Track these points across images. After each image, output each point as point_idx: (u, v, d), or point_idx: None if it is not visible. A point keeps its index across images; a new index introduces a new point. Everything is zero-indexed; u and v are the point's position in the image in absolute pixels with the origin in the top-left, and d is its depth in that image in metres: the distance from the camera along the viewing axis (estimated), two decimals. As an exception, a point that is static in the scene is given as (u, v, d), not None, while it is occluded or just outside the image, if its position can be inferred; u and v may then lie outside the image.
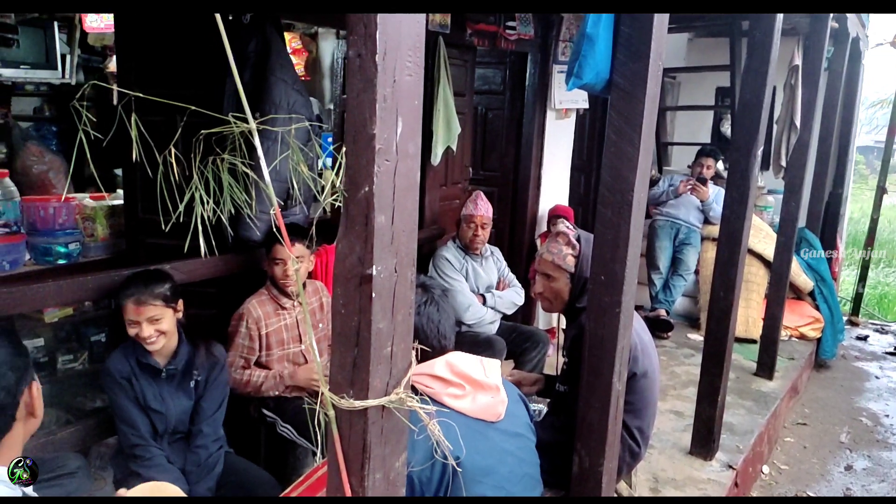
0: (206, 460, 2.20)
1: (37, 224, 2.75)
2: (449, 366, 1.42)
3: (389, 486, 1.11)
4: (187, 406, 2.21)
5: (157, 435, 2.13)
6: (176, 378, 2.17)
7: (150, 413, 2.10)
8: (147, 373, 2.11)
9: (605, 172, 1.85)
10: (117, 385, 2.06)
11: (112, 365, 2.06)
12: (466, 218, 3.56)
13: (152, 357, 2.11)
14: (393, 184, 1.00)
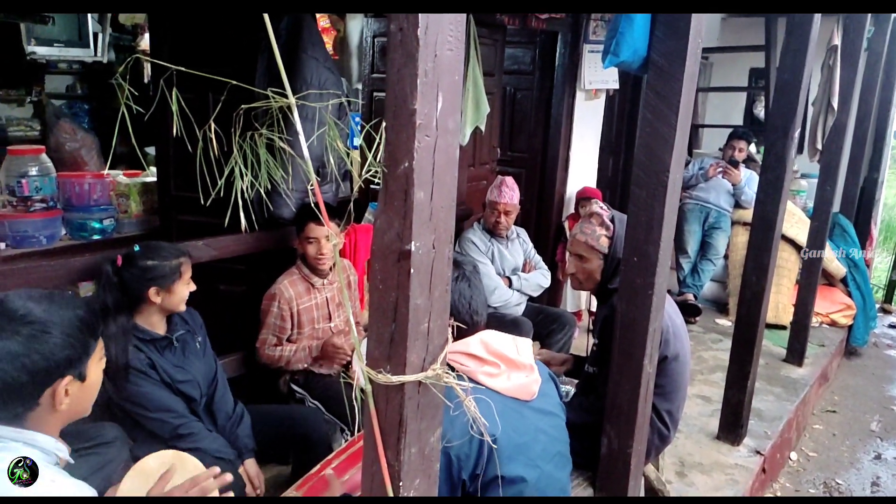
0: (233, 411, 2.25)
1: (72, 200, 2.80)
2: (484, 344, 1.42)
3: (424, 460, 1.12)
4: (204, 367, 2.22)
5: (195, 403, 2.16)
6: (184, 343, 2.17)
7: (181, 385, 2.11)
8: (160, 348, 2.10)
9: (640, 153, 1.83)
10: (142, 377, 2.01)
11: (130, 362, 1.99)
12: (491, 204, 3.54)
13: (153, 331, 2.09)
14: (433, 159, 0.99)
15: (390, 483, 1.08)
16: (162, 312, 2.10)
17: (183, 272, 2.07)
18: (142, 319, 2.08)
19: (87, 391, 1.24)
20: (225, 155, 1.19)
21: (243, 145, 1.16)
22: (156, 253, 2.06)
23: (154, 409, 2.02)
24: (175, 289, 2.06)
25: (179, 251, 2.12)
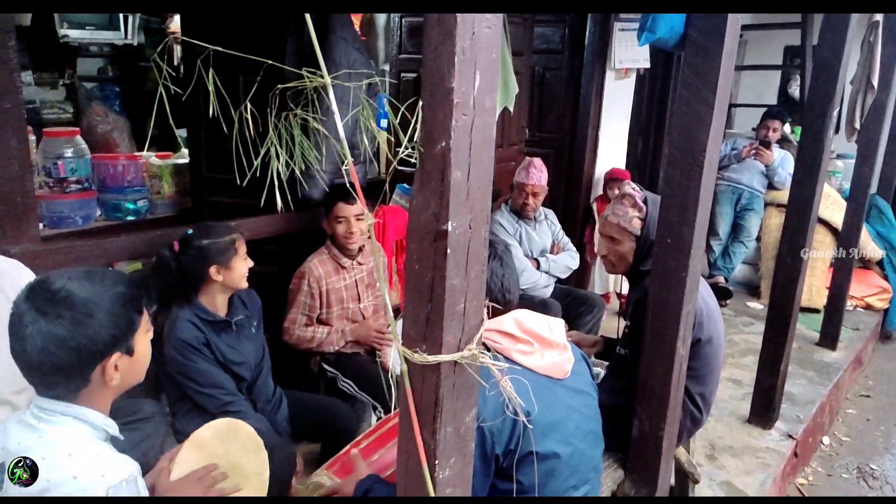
0: (273, 395, 2.31)
1: (107, 181, 2.85)
2: (517, 323, 1.42)
3: (460, 439, 1.12)
4: (255, 350, 2.27)
5: (243, 384, 2.20)
6: (241, 327, 2.23)
7: (234, 366, 2.15)
8: (218, 329, 2.15)
9: (675, 132, 1.79)
10: (196, 352, 2.06)
11: (186, 335, 2.05)
12: (518, 185, 3.51)
13: (215, 312, 2.14)
14: (469, 139, 0.98)
15: (426, 462, 1.09)
16: (225, 291, 2.16)
17: (238, 248, 2.12)
18: (206, 300, 2.13)
19: (137, 363, 1.26)
20: (258, 136, 1.20)
21: (279, 125, 1.17)
22: (209, 232, 2.11)
23: (206, 385, 2.07)
24: (233, 265, 2.11)
25: (231, 228, 2.16)
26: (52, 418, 1.16)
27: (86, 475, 1.10)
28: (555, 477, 1.42)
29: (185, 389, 2.08)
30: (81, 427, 1.17)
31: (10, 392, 1.71)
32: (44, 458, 1.11)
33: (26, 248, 1.96)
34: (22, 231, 1.95)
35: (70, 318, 1.12)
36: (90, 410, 1.19)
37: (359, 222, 2.58)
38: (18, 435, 1.15)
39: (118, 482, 1.10)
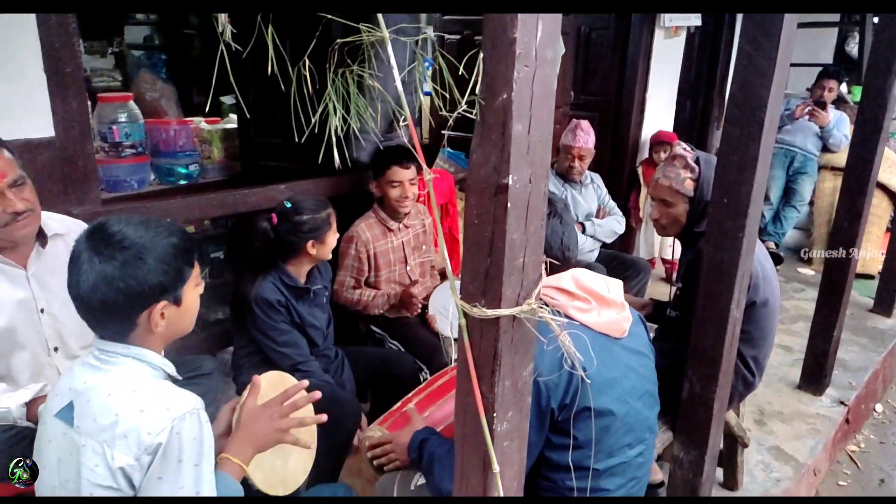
0: (335, 358, 2.39)
1: (160, 146, 2.91)
2: (575, 280, 1.42)
3: (517, 394, 1.13)
4: (326, 318, 2.37)
5: (315, 348, 2.29)
6: (317, 295, 2.31)
7: (310, 329, 2.24)
8: (297, 295, 2.23)
9: (735, 88, 1.74)
10: (276, 312, 2.14)
11: (267, 295, 2.12)
12: (565, 148, 3.45)
13: (298, 280, 2.22)
14: (531, 91, 0.97)
15: (484, 415, 1.10)
16: (312, 262, 2.23)
17: (331, 222, 2.19)
18: (292, 268, 2.21)
19: (184, 314, 1.28)
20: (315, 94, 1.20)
21: (337, 81, 1.17)
22: (306, 207, 2.17)
23: (282, 344, 2.16)
24: (327, 239, 2.18)
25: (325, 203, 2.21)
26: (114, 359, 1.20)
27: (151, 408, 1.14)
28: (609, 434, 1.42)
29: (263, 346, 2.17)
30: (141, 366, 1.21)
31: (79, 347, 1.79)
32: (110, 395, 1.16)
33: (88, 209, 2.03)
34: (84, 193, 2.01)
35: (122, 259, 1.15)
36: (147, 351, 1.22)
37: (412, 186, 2.59)
38: (84, 375, 1.20)
39: (182, 414, 1.14)
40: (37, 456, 1.25)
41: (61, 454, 1.18)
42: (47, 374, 1.73)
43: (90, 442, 1.13)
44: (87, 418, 1.15)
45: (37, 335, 1.70)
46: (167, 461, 1.12)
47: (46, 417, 1.22)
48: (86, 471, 1.13)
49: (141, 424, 1.12)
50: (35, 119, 1.84)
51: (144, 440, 1.12)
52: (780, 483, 2.66)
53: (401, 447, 1.71)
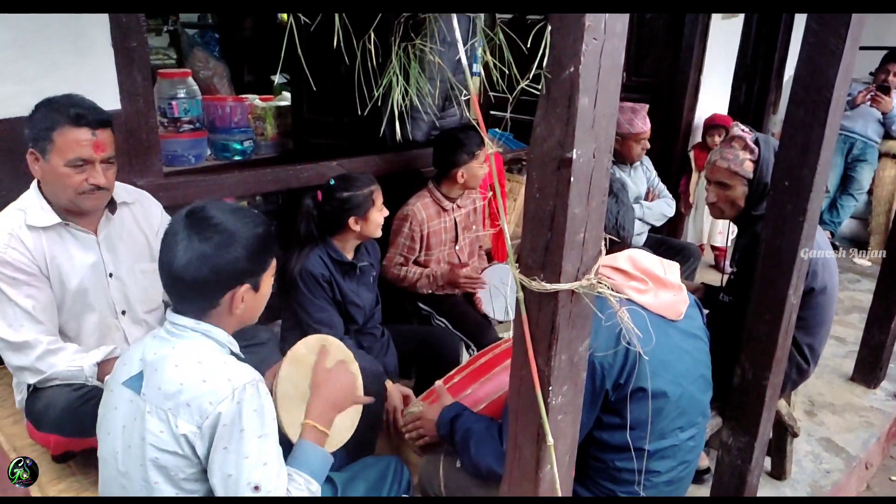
0: (380, 337, 2.40)
1: (216, 122, 2.97)
2: (631, 260, 1.41)
3: (573, 368, 1.14)
4: (372, 297, 2.39)
5: (353, 325, 2.31)
6: (364, 273, 2.33)
7: (351, 307, 2.26)
8: (343, 271, 2.25)
9: (801, 67, 1.69)
10: (319, 287, 2.17)
11: (313, 268, 2.16)
12: (633, 136, 3.32)
13: (345, 254, 2.25)
14: (598, 64, 0.96)
15: (539, 388, 1.11)
16: (358, 239, 2.26)
17: (375, 199, 2.20)
18: (338, 242, 2.25)
19: (259, 301, 1.35)
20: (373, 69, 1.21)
21: (400, 55, 1.18)
22: (350, 184, 2.19)
23: (316, 321, 2.18)
24: (370, 216, 2.20)
25: (370, 180, 2.23)
26: (184, 333, 1.26)
27: (213, 378, 1.19)
28: (662, 416, 1.41)
29: (301, 320, 2.20)
30: (208, 342, 1.27)
31: (143, 311, 1.86)
32: (177, 366, 1.21)
33: (150, 181, 2.09)
34: (147, 165, 2.08)
35: (217, 241, 1.22)
36: (216, 328, 1.28)
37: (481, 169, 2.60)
38: (154, 347, 1.26)
39: (242, 385, 1.19)
40: (101, 421, 1.31)
41: (126, 421, 1.24)
42: (114, 337, 1.81)
43: (155, 409, 1.19)
44: (153, 387, 1.21)
45: (105, 298, 1.77)
46: (230, 431, 1.17)
47: (113, 385, 1.28)
48: (150, 436, 1.19)
49: (203, 394, 1.17)
50: (102, 92, 1.90)
51: (206, 409, 1.17)
52: (829, 475, 2.61)
53: (429, 422, 1.72)
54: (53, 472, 1.76)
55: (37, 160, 1.63)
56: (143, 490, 1.22)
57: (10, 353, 1.63)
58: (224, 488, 1.18)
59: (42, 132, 1.59)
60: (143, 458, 1.20)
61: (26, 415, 1.72)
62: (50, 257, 1.66)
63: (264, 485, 1.19)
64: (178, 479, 1.21)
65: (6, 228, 1.62)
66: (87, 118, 1.61)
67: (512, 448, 1.22)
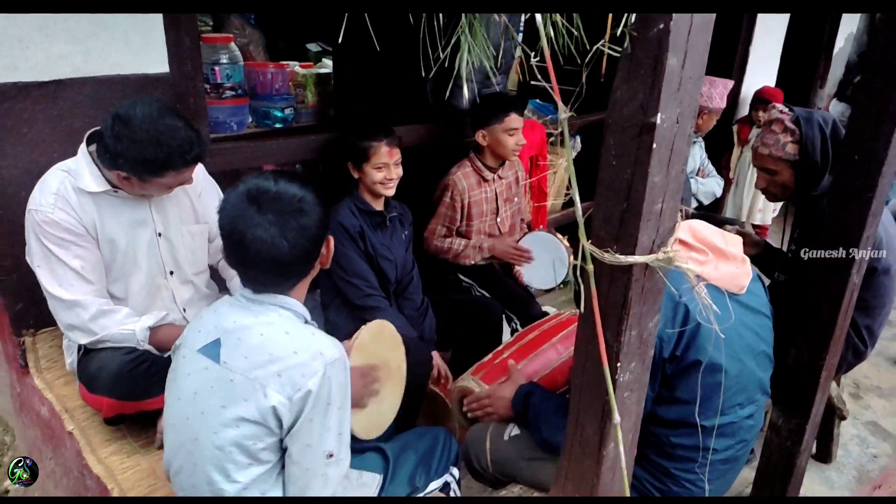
0: (420, 304, 2.39)
1: (257, 89, 2.94)
2: (692, 231, 1.36)
3: (642, 344, 1.10)
4: (405, 255, 2.37)
5: (387, 284, 2.29)
6: (395, 226, 2.32)
7: (382, 262, 2.25)
8: (373, 222, 2.25)
9: (881, 34, 1.60)
10: (350, 239, 2.18)
11: (343, 219, 2.17)
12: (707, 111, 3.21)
13: (374, 206, 2.24)
14: (690, 21, 0.91)
15: (607, 363, 1.07)
16: (370, 192, 2.25)
17: (371, 155, 2.18)
18: (363, 194, 2.26)
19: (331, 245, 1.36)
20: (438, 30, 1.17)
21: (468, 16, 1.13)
22: (357, 132, 2.20)
23: (351, 274, 2.19)
24: (365, 169, 2.20)
25: (379, 137, 2.19)
26: (261, 307, 1.25)
27: (305, 351, 1.19)
28: (719, 392, 1.37)
29: (334, 276, 2.20)
30: (288, 313, 1.26)
31: (192, 273, 1.86)
32: (262, 335, 1.20)
33: (197, 146, 2.07)
34: (193, 130, 2.05)
35: (301, 209, 1.22)
36: (291, 299, 1.27)
37: (506, 135, 2.54)
38: (234, 314, 1.24)
39: (332, 360, 1.19)
40: (170, 386, 1.31)
41: (200, 387, 1.23)
42: (162, 296, 1.81)
43: (239, 377, 1.18)
44: (237, 355, 1.19)
45: (154, 258, 1.77)
46: (318, 404, 1.17)
47: (186, 352, 1.27)
48: (233, 405, 1.18)
49: (295, 366, 1.17)
50: (152, 54, 1.88)
51: (298, 382, 1.16)
52: (877, 459, 2.55)
53: (502, 401, 1.70)
54: (105, 434, 1.77)
55: None
56: (212, 458, 1.21)
57: (63, 311, 1.64)
58: (301, 455, 1.19)
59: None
60: (220, 425, 1.19)
61: (79, 377, 1.73)
62: (98, 218, 1.66)
63: (337, 452, 1.21)
64: (255, 450, 1.20)
65: (52, 189, 1.62)
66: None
67: (573, 424, 1.19)
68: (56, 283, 1.61)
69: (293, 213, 1.20)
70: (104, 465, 1.69)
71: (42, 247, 1.60)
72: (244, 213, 1.19)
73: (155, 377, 1.60)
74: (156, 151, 1.54)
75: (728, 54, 4.24)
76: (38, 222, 1.59)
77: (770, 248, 2.25)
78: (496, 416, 1.75)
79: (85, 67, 1.80)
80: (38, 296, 1.70)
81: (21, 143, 1.80)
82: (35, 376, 1.95)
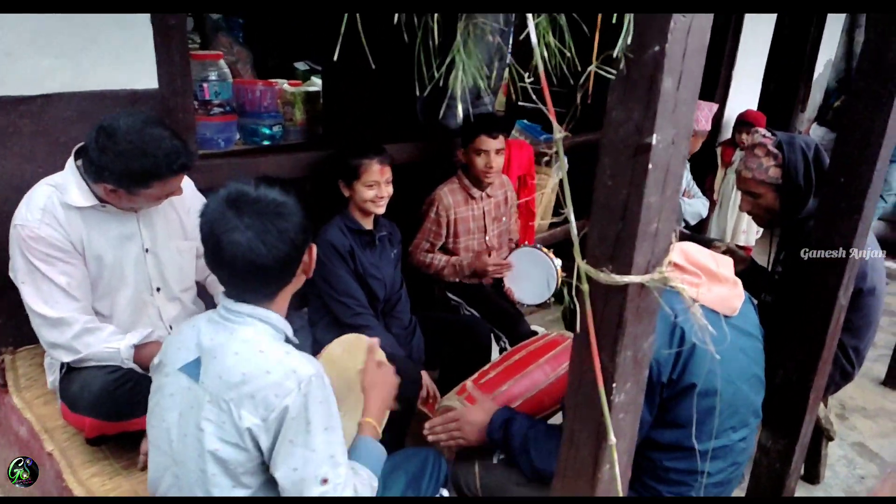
0: (408, 324, 2.37)
1: (245, 106, 2.93)
2: (683, 253, 1.37)
3: (637, 365, 1.10)
4: (393, 273, 2.37)
5: (376, 303, 2.28)
6: (384, 245, 2.32)
7: (371, 281, 2.23)
8: (362, 241, 2.25)
9: (864, 60, 1.63)
10: (339, 258, 2.17)
11: (333, 238, 2.16)
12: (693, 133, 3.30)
13: (364, 225, 2.24)
14: (685, 43, 0.92)
15: (602, 384, 1.07)
16: (360, 210, 2.24)
17: (362, 173, 2.18)
18: (352, 212, 2.26)
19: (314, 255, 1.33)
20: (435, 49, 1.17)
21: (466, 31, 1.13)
22: (348, 150, 2.21)
23: (341, 293, 2.17)
24: (355, 187, 2.20)
25: (370, 156, 2.19)
26: (240, 319, 1.22)
27: (278, 370, 1.15)
28: (713, 415, 1.37)
29: (323, 295, 2.19)
30: (265, 327, 1.23)
31: (179, 289, 1.84)
32: (237, 353, 1.17)
33: (185, 162, 2.05)
34: (182, 146, 2.04)
35: (281, 213, 1.19)
36: (272, 313, 1.24)
37: (498, 156, 2.55)
38: (210, 332, 1.22)
39: (308, 377, 1.15)
40: (154, 406, 1.28)
41: (183, 408, 1.20)
42: (148, 313, 1.78)
43: (216, 399, 1.15)
44: (212, 375, 1.17)
45: (141, 274, 1.74)
46: (296, 424, 1.14)
47: (168, 370, 1.24)
48: (210, 426, 1.15)
49: (268, 386, 1.13)
50: (141, 69, 1.87)
51: (272, 402, 1.13)
52: (864, 480, 2.56)
53: (472, 426, 1.65)
54: (86, 455, 1.73)
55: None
56: (198, 480, 1.18)
57: (47, 329, 1.60)
58: (290, 483, 1.15)
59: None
60: (202, 448, 1.16)
61: (61, 396, 1.69)
62: (86, 233, 1.63)
63: (332, 478, 1.16)
64: (236, 473, 1.17)
65: (39, 204, 1.59)
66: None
67: (567, 446, 1.18)
68: (41, 301, 1.58)
69: (272, 216, 1.18)
70: (85, 488, 1.65)
71: (27, 263, 1.57)
72: (223, 216, 1.17)
73: (138, 396, 1.56)
74: (141, 162, 1.52)
75: (712, 78, 4.31)
76: (24, 238, 1.56)
77: (755, 266, 2.27)
78: (464, 442, 1.68)
79: (74, 82, 1.79)
80: (19, 312, 1.67)
81: (6, 157, 1.78)
82: (14, 395, 1.90)
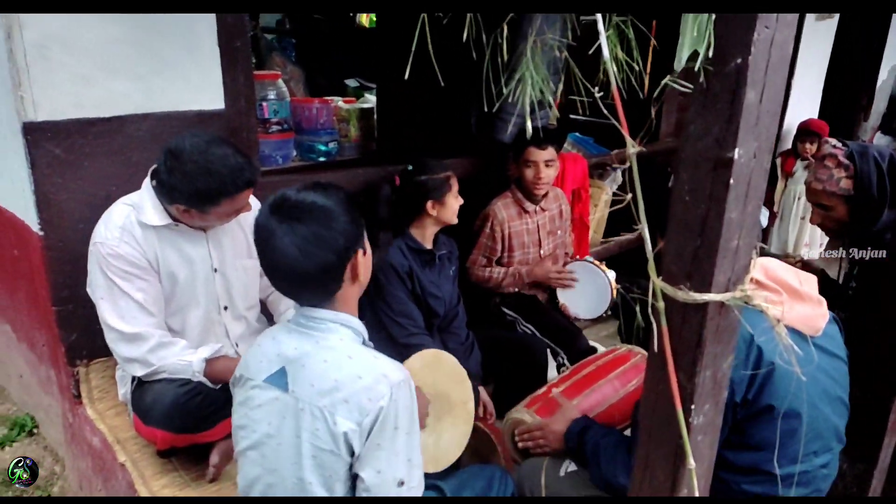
0: (465, 339, 2.37)
1: (302, 123, 2.98)
2: (764, 269, 1.32)
3: (716, 386, 1.06)
4: (453, 291, 2.36)
5: (434, 319, 2.28)
6: (443, 263, 2.31)
7: (430, 300, 2.24)
8: (422, 260, 2.24)
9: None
10: (399, 279, 2.17)
11: (394, 259, 2.17)
12: None
13: (423, 244, 2.23)
14: (768, 55, 0.89)
15: (680, 405, 1.04)
16: (436, 225, 2.25)
17: (451, 185, 2.20)
18: (416, 231, 2.24)
19: (369, 262, 1.33)
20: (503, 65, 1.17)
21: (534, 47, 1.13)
22: (426, 168, 2.20)
23: (398, 313, 2.17)
24: (446, 200, 2.20)
25: (445, 166, 2.24)
26: (321, 325, 1.23)
27: (369, 375, 1.17)
28: (794, 439, 1.32)
29: (380, 314, 2.18)
30: (347, 332, 1.24)
31: (244, 308, 1.87)
32: (326, 361, 1.19)
33: (248, 179, 2.10)
34: (245, 164, 2.08)
35: (322, 219, 1.18)
36: (350, 316, 1.25)
37: (548, 168, 2.54)
38: (293, 342, 1.23)
39: (398, 382, 1.17)
40: (241, 419, 1.29)
41: (273, 418, 1.22)
42: (216, 331, 1.82)
43: (309, 406, 1.16)
44: (303, 384, 1.18)
45: (210, 293, 1.78)
46: (385, 428, 1.15)
47: (252, 383, 1.26)
48: (307, 434, 1.17)
49: (361, 391, 1.15)
50: (208, 91, 1.93)
51: (366, 406, 1.14)
52: (946, 508, 2.41)
53: (554, 434, 1.67)
54: (157, 467, 1.77)
55: None
56: (294, 489, 1.20)
57: (123, 344, 1.65)
58: (373, 484, 1.17)
59: None
60: (299, 456, 1.18)
61: (133, 408, 1.74)
62: (161, 252, 1.68)
63: (408, 480, 1.18)
64: (331, 481, 1.19)
65: (118, 223, 1.65)
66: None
67: (641, 468, 1.15)
68: (117, 316, 1.63)
69: (307, 221, 1.17)
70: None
71: (106, 279, 1.63)
72: (267, 222, 1.19)
73: (208, 410, 1.60)
74: (208, 181, 1.56)
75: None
76: (104, 255, 1.62)
77: (827, 280, 2.19)
78: (548, 448, 1.72)
79: (145, 104, 1.86)
80: (93, 326, 1.72)
81: (82, 177, 1.85)
82: (87, 406, 1.97)
